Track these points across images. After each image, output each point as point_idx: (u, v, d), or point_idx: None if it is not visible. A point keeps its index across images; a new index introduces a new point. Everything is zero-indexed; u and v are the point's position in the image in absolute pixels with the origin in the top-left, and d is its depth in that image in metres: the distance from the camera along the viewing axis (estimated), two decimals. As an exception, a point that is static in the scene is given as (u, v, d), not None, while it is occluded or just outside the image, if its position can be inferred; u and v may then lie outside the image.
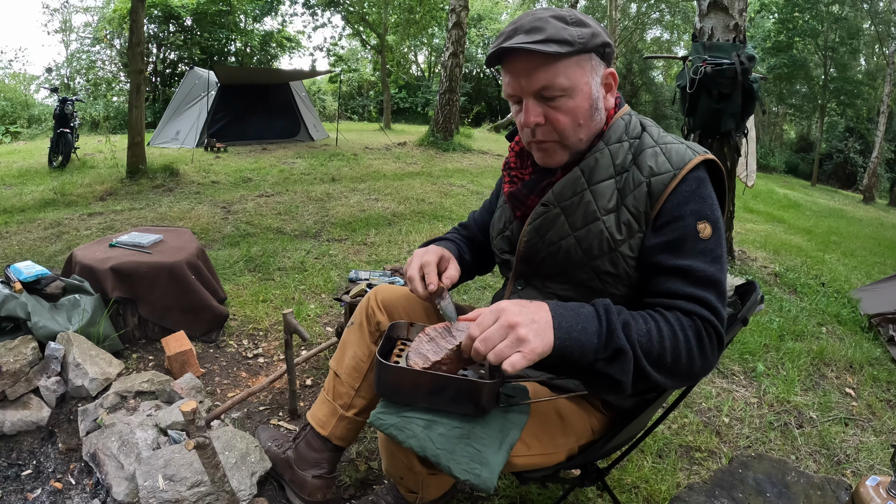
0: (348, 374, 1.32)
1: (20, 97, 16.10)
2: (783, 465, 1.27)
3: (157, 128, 10.07)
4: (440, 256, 1.14)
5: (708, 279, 0.93)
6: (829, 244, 6.23)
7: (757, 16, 20.21)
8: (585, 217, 1.01)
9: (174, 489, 1.32)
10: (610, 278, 1.01)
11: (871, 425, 2.13)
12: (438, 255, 1.14)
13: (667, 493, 1.59)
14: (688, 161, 0.97)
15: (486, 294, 3.09)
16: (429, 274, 1.08)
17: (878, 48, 20.34)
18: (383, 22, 16.84)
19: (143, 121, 6.34)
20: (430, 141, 10.05)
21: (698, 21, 3.86)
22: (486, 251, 1.35)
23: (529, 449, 1.02)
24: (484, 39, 25.80)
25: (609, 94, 1.03)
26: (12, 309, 1.83)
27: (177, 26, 17.07)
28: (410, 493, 1.11)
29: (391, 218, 4.81)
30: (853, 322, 3.24)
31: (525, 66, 0.95)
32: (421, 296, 1.08)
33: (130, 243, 2.40)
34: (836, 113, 21.13)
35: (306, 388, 2.08)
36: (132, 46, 6.16)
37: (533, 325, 0.83)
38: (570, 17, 0.96)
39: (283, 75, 11.18)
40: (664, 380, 0.89)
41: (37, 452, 1.59)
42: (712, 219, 0.96)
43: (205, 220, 4.45)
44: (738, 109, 3.56)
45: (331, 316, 2.73)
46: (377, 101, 23.99)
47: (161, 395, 1.77)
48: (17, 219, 4.43)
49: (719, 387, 2.30)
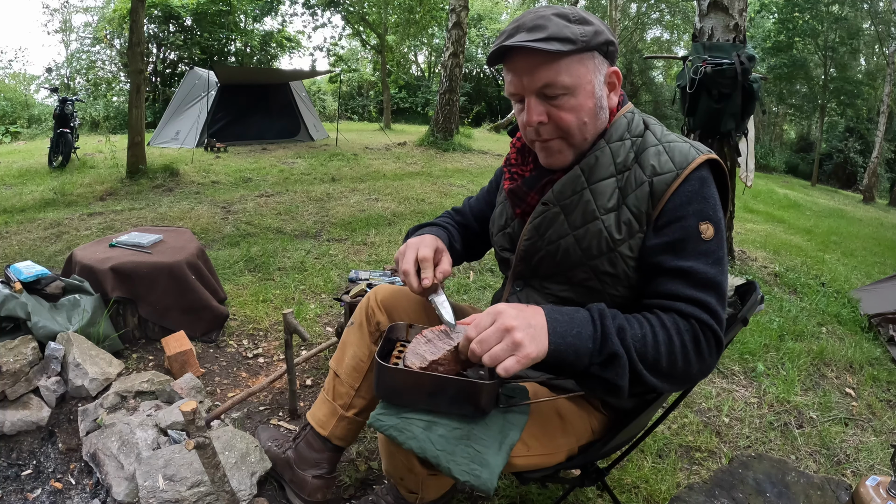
0: (348, 374, 1.32)
1: (20, 97, 16.09)
2: (783, 465, 1.27)
3: (157, 128, 10.07)
4: (435, 249, 1.12)
5: (709, 281, 0.93)
6: (829, 244, 6.23)
7: (757, 16, 20.22)
8: (584, 216, 1.01)
9: (174, 489, 1.32)
10: (609, 279, 1.01)
11: (871, 425, 2.13)
12: (434, 248, 1.11)
13: (667, 493, 1.59)
14: (691, 160, 0.96)
15: (486, 294, 3.09)
16: (426, 269, 1.07)
17: (878, 48, 20.34)
18: (383, 22, 16.83)
19: (143, 121, 6.35)
20: (430, 141, 10.05)
21: (698, 21, 3.86)
22: (478, 239, 1.34)
23: (529, 449, 1.02)
24: (484, 39, 25.79)
25: (613, 92, 1.02)
26: (12, 309, 1.83)
27: (177, 26, 17.07)
28: (410, 493, 1.11)
29: (391, 218, 4.81)
30: (853, 322, 3.24)
31: (527, 65, 0.95)
32: (415, 290, 1.07)
33: (130, 243, 2.40)
34: (836, 113, 21.14)
35: (306, 388, 2.08)
36: (132, 46, 6.16)
37: (529, 330, 0.83)
38: (573, 14, 0.95)
39: (283, 75, 11.18)
40: (660, 384, 0.89)
41: (37, 452, 1.59)
42: (715, 219, 0.96)
43: (205, 220, 4.45)
44: (738, 109, 3.56)
45: (331, 316, 2.73)
46: (377, 101, 24.00)
47: (161, 395, 1.77)
48: (17, 219, 4.43)
49: (719, 387, 2.30)
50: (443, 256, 1.12)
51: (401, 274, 1.09)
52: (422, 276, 1.06)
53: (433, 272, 1.07)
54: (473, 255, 1.38)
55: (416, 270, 1.07)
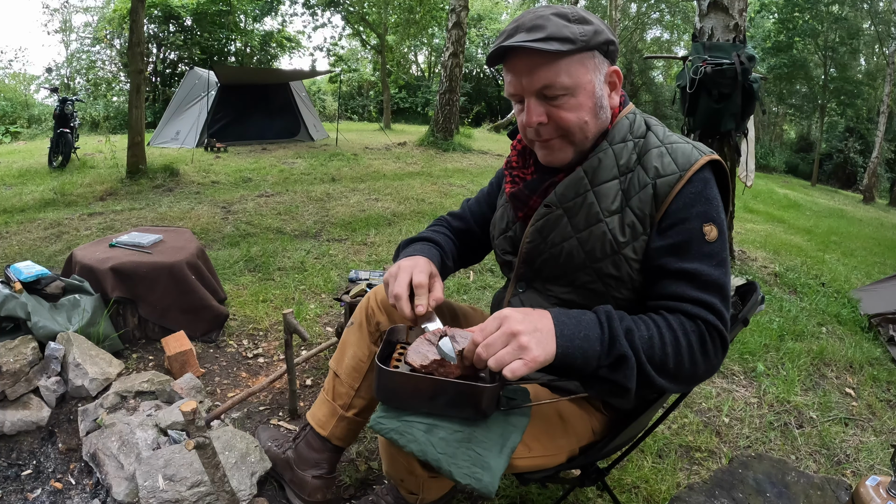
0: (348, 375, 1.32)
1: (20, 97, 16.10)
2: (783, 465, 1.27)
3: (157, 128, 10.07)
4: (429, 275, 1.06)
5: (713, 283, 0.93)
6: (829, 244, 6.23)
7: (757, 16, 20.22)
8: (588, 219, 1.00)
9: (174, 489, 1.32)
10: (612, 281, 1.00)
11: (871, 425, 2.13)
12: (428, 274, 1.05)
13: (667, 493, 1.59)
14: (694, 162, 0.96)
15: (486, 294, 3.09)
16: (420, 297, 1.01)
17: (878, 48, 20.35)
18: (383, 22, 16.83)
19: (143, 121, 6.34)
20: (430, 141, 10.05)
21: (698, 21, 3.86)
22: (479, 243, 1.32)
23: (530, 451, 1.02)
24: (484, 39, 25.80)
25: (613, 92, 1.01)
26: (12, 309, 1.83)
27: (177, 26, 17.07)
28: (411, 494, 1.11)
29: (391, 218, 4.81)
30: (853, 322, 3.24)
31: (526, 65, 0.94)
32: (406, 316, 1.01)
33: (130, 243, 2.40)
34: (836, 113, 21.14)
35: (306, 388, 2.08)
36: (132, 46, 6.16)
37: (535, 334, 0.83)
38: (573, 14, 0.95)
39: (283, 75, 11.18)
40: (668, 384, 0.89)
41: (37, 452, 1.59)
42: (718, 221, 0.95)
43: (205, 220, 4.45)
44: (738, 109, 3.56)
45: (331, 316, 2.73)
46: (377, 101, 23.99)
47: (161, 395, 1.77)
48: (17, 219, 4.43)
49: (719, 387, 2.30)
50: (435, 282, 1.07)
51: (391, 297, 1.03)
52: (416, 303, 1.01)
53: (427, 299, 1.02)
54: (474, 260, 1.36)
55: (409, 295, 1.02)
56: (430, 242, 1.23)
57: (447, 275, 1.23)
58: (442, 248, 1.23)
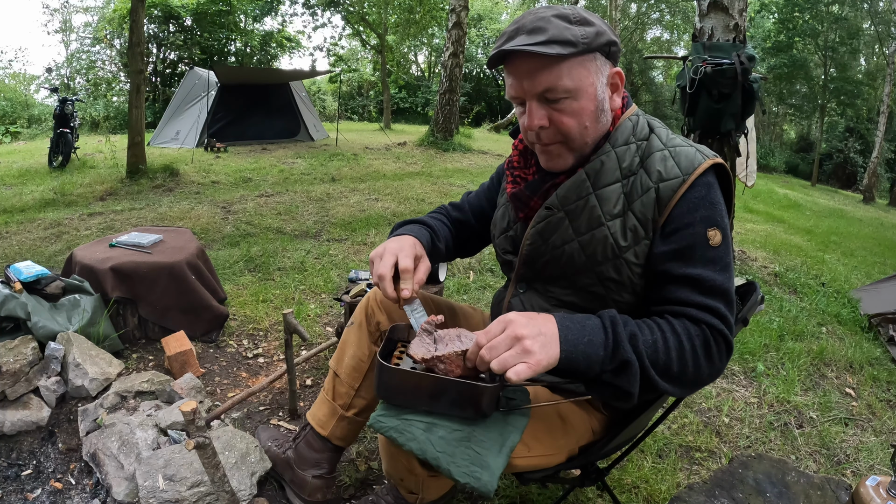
0: (348, 375, 1.32)
1: (20, 97, 16.10)
2: (783, 465, 1.27)
3: (157, 128, 10.07)
4: (414, 257, 1.05)
5: (717, 288, 0.92)
6: (829, 244, 6.23)
7: (757, 16, 20.22)
8: (590, 222, 1.00)
9: (174, 489, 1.32)
10: (613, 284, 1.00)
11: (871, 425, 2.13)
12: (413, 257, 1.04)
13: (667, 493, 1.59)
14: (697, 165, 0.95)
15: (486, 294, 3.09)
16: (405, 280, 1.01)
17: (878, 48, 20.35)
18: (383, 22, 16.84)
19: (143, 121, 6.34)
20: (430, 141, 10.05)
21: (698, 21, 3.86)
22: (475, 236, 1.31)
23: (530, 450, 1.02)
24: (484, 39, 25.80)
25: (615, 94, 1.00)
26: (12, 309, 1.83)
27: (177, 26, 17.07)
28: (411, 493, 1.11)
29: (391, 218, 4.80)
30: (853, 322, 3.24)
31: (527, 68, 0.93)
32: (389, 297, 1.01)
33: (130, 243, 2.40)
34: (836, 113, 21.15)
35: (306, 388, 2.08)
36: (132, 46, 6.16)
37: (539, 338, 0.83)
38: (574, 15, 0.93)
39: (283, 75, 11.18)
40: (671, 388, 0.89)
41: (37, 452, 1.59)
42: (722, 225, 0.95)
43: (205, 220, 4.45)
44: (738, 109, 3.55)
45: (331, 316, 2.73)
46: (377, 101, 24.00)
47: (161, 395, 1.77)
48: (17, 219, 4.43)
49: (719, 387, 2.29)
50: (420, 264, 1.06)
51: (375, 277, 1.02)
52: (401, 287, 1.01)
53: (412, 284, 1.01)
54: (468, 252, 1.36)
55: (393, 276, 1.02)
56: (422, 225, 1.22)
57: (438, 259, 1.22)
58: (434, 231, 1.21)
